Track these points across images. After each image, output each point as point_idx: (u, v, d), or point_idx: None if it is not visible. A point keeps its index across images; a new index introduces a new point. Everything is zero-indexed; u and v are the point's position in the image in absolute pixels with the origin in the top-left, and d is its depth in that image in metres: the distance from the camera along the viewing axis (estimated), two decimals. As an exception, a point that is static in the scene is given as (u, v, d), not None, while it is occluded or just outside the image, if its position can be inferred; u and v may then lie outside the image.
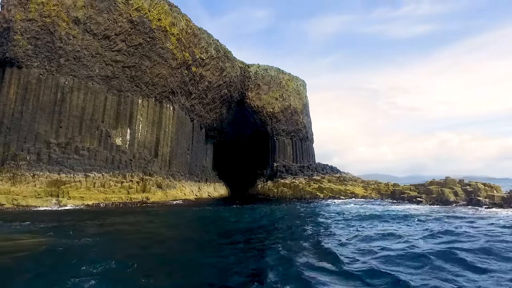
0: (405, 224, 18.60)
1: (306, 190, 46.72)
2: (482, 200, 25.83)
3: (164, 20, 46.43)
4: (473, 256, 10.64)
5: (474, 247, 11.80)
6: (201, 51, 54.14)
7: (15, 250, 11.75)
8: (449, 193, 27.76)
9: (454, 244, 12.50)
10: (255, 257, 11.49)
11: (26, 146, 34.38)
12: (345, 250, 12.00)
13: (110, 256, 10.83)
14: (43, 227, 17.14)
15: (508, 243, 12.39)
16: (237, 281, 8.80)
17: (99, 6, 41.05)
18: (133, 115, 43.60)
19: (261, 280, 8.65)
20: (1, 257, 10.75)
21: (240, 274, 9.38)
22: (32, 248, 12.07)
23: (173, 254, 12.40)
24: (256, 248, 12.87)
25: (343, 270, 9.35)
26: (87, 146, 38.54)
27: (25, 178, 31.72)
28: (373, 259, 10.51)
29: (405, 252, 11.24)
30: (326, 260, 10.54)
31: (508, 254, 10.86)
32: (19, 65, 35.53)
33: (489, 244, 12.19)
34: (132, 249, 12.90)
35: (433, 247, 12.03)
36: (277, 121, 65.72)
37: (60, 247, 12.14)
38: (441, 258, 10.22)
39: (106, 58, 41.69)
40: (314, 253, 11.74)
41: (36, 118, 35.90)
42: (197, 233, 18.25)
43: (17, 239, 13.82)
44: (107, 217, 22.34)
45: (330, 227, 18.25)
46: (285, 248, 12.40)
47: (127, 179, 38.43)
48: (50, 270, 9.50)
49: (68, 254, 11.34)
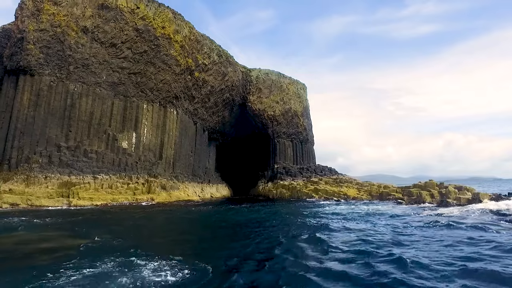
0: (350, 220, 22.51)
1: (303, 191, 48.60)
2: (450, 201, 28.90)
3: (168, 28, 48.39)
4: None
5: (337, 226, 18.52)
6: (203, 57, 56.04)
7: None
8: (426, 195, 30.25)
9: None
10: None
11: (38, 149, 36.43)
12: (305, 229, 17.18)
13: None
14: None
15: (372, 236, 15.19)
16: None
17: (106, 15, 43.10)
18: (139, 119, 45.56)
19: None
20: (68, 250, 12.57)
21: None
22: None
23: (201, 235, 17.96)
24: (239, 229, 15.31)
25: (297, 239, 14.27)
26: (95, 149, 40.53)
27: (38, 179, 33.77)
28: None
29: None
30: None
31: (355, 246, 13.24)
32: (31, 73, 37.62)
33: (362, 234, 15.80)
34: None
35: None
36: (278, 123, 67.50)
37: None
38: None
39: (113, 65, 43.70)
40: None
41: (48, 123, 37.95)
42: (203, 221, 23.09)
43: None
44: (131, 213, 26.48)
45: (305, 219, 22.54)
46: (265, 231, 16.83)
47: (133, 181, 40.37)
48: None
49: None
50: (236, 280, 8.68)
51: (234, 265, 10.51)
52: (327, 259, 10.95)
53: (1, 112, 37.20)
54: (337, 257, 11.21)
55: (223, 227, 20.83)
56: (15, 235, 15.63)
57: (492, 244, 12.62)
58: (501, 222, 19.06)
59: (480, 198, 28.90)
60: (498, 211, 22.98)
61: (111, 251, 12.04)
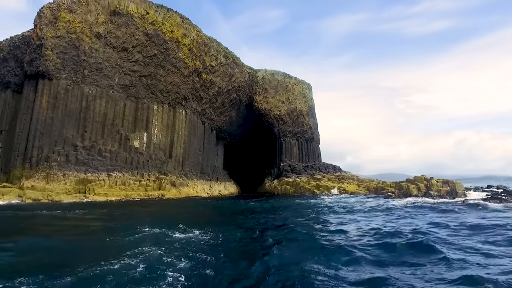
0: (335, 207, 27.91)
1: (305, 187, 50.63)
2: (432, 193, 32.11)
3: (176, 32, 50.55)
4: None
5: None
6: (211, 59, 58.07)
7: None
8: (413, 188, 32.68)
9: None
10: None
11: (56, 149, 38.92)
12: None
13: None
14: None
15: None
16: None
17: (118, 21, 45.45)
18: (149, 120, 47.84)
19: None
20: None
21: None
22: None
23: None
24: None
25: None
26: (109, 148, 42.89)
27: (57, 177, 36.24)
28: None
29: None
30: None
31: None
32: (49, 77, 40.15)
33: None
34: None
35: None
36: (283, 123, 69.24)
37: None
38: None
39: (124, 68, 46.04)
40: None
41: (65, 124, 40.45)
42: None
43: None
44: (148, 205, 30.35)
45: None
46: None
47: (144, 178, 42.62)
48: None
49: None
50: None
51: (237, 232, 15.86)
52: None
53: (23, 114, 39.87)
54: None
55: (221, 212, 26.76)
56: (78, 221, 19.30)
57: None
58: (406, 208, 24.14)
59: (456, 189, 32.20)
60: (415, 203, 27.27)
61: (152, 225, 16.12)
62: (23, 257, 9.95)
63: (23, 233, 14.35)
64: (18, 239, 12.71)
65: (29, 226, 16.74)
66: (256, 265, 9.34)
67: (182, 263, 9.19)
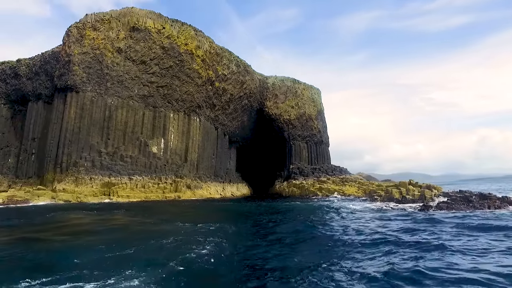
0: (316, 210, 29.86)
1: (310, 189, 53.60)
2: (408, 197, 34.29)
3: (190, 44, 54.21)
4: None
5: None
6: (223, 68, 61.52)
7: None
8: (395, 192, 34.43)
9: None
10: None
11: (83, 155, 43.03)
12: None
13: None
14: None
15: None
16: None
17: (137, 36, 49.40)
18: (166, 127, 51.59)
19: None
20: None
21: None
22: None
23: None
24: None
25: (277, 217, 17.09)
26: (130, 154, 46.79)
27: (84, 180, 40.30)
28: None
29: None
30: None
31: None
32: (77, 90, 44.35)
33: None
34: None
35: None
36: (293, 127, 72.10)
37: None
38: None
39: (143, 80, 49.94)
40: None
41: (90, 132, 44.56)
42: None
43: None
44: (168, 206, 34.03)
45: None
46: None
47: (162, 181, 46.31)
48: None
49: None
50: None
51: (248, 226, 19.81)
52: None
53: (53, 124, 44.21)
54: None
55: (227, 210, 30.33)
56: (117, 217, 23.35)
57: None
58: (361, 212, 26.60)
59: (425, 194, 33.99)
60: (378, 208, 29.21)
61: (181, 220, 20.62)
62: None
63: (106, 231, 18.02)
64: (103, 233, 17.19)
65: (104, 222, 20.66)
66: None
67: (209, 239, 14.18)
